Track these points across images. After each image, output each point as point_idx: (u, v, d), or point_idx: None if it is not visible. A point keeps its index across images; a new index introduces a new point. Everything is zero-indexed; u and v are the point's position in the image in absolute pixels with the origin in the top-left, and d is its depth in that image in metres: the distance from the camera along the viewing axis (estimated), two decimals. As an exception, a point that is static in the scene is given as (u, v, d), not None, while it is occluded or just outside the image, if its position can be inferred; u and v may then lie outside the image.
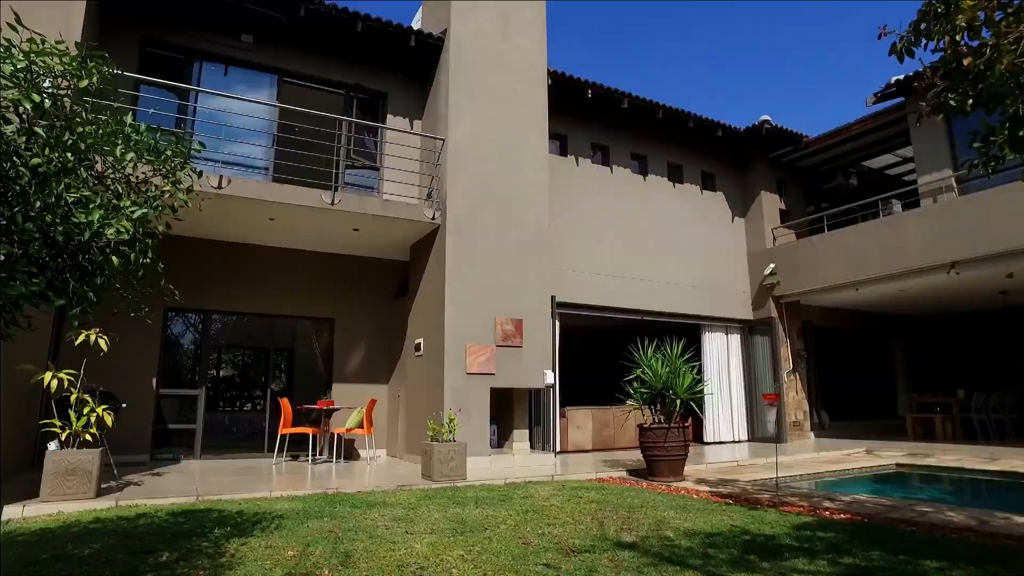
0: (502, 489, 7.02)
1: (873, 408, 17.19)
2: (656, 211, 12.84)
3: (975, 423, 13.13)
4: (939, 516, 5.50)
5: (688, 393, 7.72)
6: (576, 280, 11.40)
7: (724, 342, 13.37)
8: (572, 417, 11.37)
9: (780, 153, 14.22)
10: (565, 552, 4.17)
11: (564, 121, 11.86)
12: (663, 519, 5.26)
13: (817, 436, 13.57)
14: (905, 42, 4.17)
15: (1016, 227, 9.76)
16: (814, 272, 12.76)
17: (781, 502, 6.12)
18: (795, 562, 3.88)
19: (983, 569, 3.69)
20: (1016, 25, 3.52)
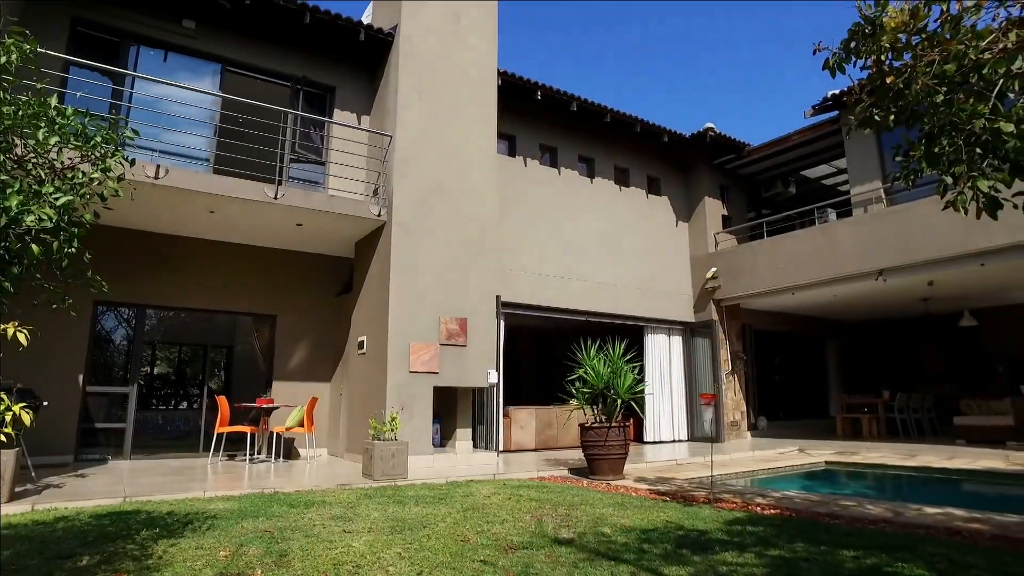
0: (443, 488, 7.00)
1: (808, 409, 17.88)
2: (603, 214, 13.03)
3: (898, 422, 13.82)
4: (860, 510, 5.76)
5: (629, 393, 7.86)
6: (522, 280, 11.47)
7: (666, 343, 13.68)
8: (515, 416, 11.43)
9: (723, 160, 14.65)
10: (503, 549, 4.19)
11: (513, 121, 11.92)
12: (601, 516, 5.34)
13: (754, 436, 14.03)
14: (837, 58, 4.36)
15: (936, 238, 10.32)
16: (753, 276, 13.19)
17: (716, 499, 6.30)
18: (725, 555, 4.01)
19: (893, 555, 3.89)
20: (931, 50, 3.73)
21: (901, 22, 4.01)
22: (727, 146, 14.15)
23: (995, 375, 15.87)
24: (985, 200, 3.92)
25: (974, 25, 3.70)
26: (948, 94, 3.91)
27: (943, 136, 4.06)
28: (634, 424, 13.52)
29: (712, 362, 13.66)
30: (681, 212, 14.57)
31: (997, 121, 3.78)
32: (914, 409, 14.14)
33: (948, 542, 4.37)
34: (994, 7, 3.68)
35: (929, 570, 3.59)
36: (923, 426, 14.19)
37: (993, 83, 3.78)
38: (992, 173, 3.91)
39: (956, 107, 3.90)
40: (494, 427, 10.29)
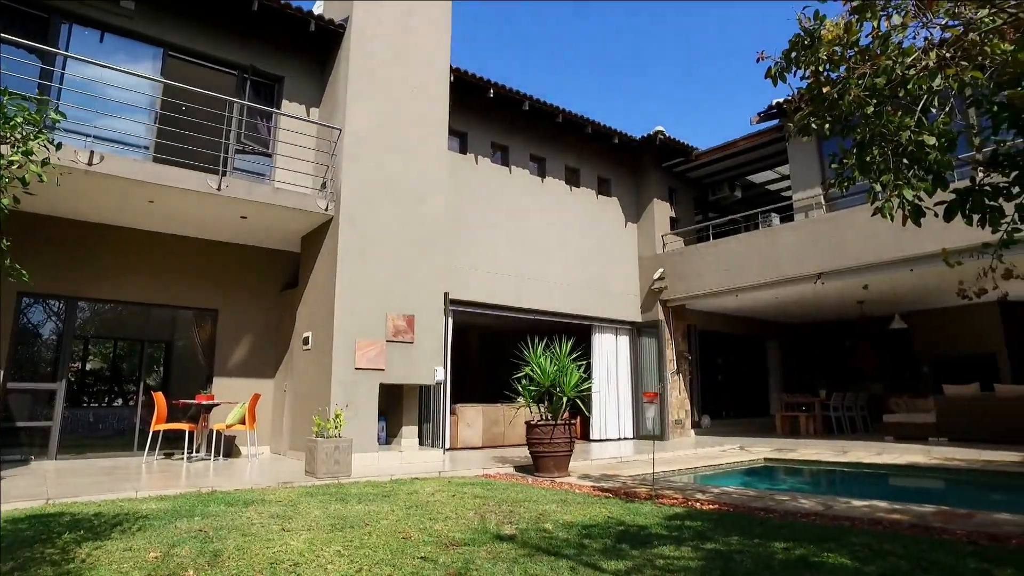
0: (387, 485, 6.94)
1: (750, 407, 18.42)
2: (553, 213, 13.13)
3: (833, 420, 14.37)
4: (793, 504, 5.98)
5: (575, 391, 7.95)
6: (471, 278, 11.46)
7: (614, 343, 13.88)
8: (462, 414, 11.42)
9: (672, 163, 14.94)
10: (444, 546, 4.19)
11: (465, 119, 11.90)
12: (544, 513, 5.39)
13: (698, 434, 14.37)
14: (778, 67, 4.50)
15: (870, 244, 10.77)
16: (699, 278, 13.50)
17: (657, 495, 6.43)
18: (663, 549, 4.10)
19: (820, 546, 4.06)
20: (863, 63, 3.89)
21: (836, 35, 4.18)
22: (676, 149, 14.45)
23: (922, 375, 16.68)
24: (910, 208, 4.12)
25: (900, 43, 3.88)
26: (878, 106, 4.09)
27: (874, 146, 4.25)
28: (581, 422, 13.69)
29: (658, 361, 13.93)
30: (630, 213, 14.81)
31: (921, 134, 3.98)
32: (848, 407, 14.73)
33: (871, 532, 4.58)
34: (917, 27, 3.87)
35: (851, 558, 3.75)
36: (856, 423, 14.80)
37: (918, 98, 3.98)
38: (917, 183, 4.12)
39: (885, 119, 4.08)
40: (441, 425, 10.25)
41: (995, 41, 3.55)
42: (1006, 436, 10.55)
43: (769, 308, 15.44)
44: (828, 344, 18.70)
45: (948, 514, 5.33)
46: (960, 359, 15.93)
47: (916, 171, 4.15)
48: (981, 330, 15.62)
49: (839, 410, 14.45)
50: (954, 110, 4.25)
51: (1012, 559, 3.75)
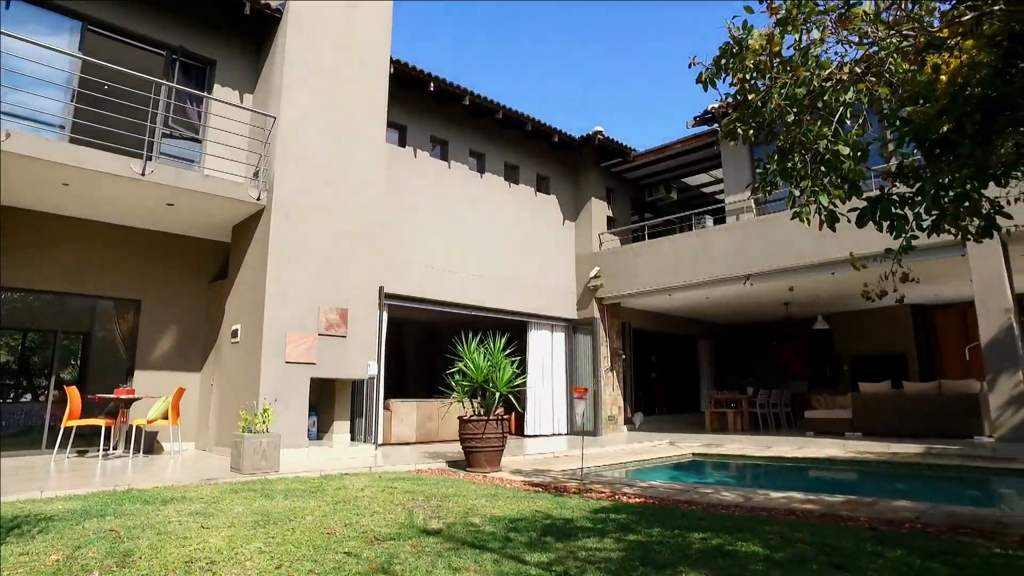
0: (316, 481, 6.82)
1: (681, 404, 18.97)
2: (491, 209, 13.16)
3: (759, 416, 14.96)
4: (716, 496, 6.19)
5: (508, 387, 8.00)
6: (408, 272, 11.37)
7: (549, 339, 14.03)
8: (396, 409, 11.33)
9: (610, 163, 15.21)
10: (369, 541, 4.15)
11: (404, 111, 11.78)
12: (473, 507, 5.41)
13: (630, 429, 14.70)
14: (709, 73, 4.64)
15: (796, 247, 11.25)
16: (634, 277, 13.80)
17: (586, 489, 6.54)
18: (586, 541, 4.18)
19: (736, 535, 4.23)
20: (784, 73, 4.06)
21: (760, 45, 4.35)
22: (614, 150, 14.71)
23: (841, 373, 17.57)
24: (826, 213, 4.33)
25: (818, 56, 4.07)
26: (798, 115, 4.27)
27: (795, 153, 4.44)
28: (516, 417, 13.80)
29: (593, 358, 14.17)
30: (568, 211, 14.99)
31: (837, 143, 4.18)
32: (774, 404, 15.36)
33: (784, 522, 4.79)
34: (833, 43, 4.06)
35: (763, 546, 3.92)
36: (781, 420, 15.45)
37: (835, 110, 4.19)
38: (833, 190, 4.33)
39: (804, 128, 4.27)
40: (374, 420, 10.14)
41: (899, 61, 3.77)
42: (913, 430, 11.24)
43: (701, 307, 15.93)
44: (756, 343, 19.45)
45: (855, 503, 5.64)
46: (876, 358, 16.87)
47: (832, 179, 4.37)
48: (894, 331, 16.56)
49: (765, 407, 15.03)
50: (867, 122, 4.47)
51: (903, 541, 4.01)
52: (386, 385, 12.33)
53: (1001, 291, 9.35)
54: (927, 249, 9.53)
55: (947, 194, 3.75)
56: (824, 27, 4.18)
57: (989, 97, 3.12)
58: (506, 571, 3.49)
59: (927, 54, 3.40)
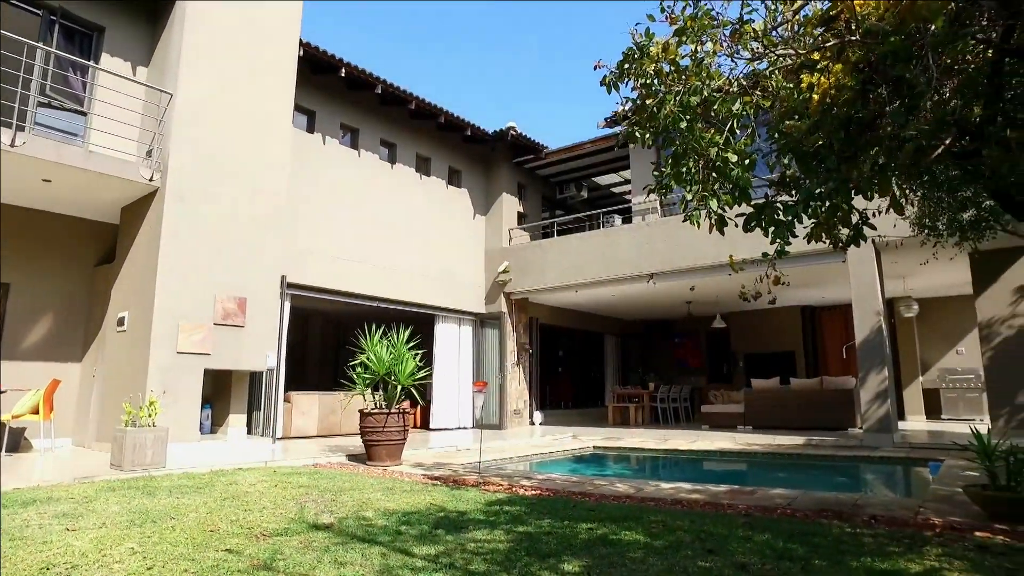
0: (205, 477, 6.53)
1: (586, 398, 19.45)
2: (401, 201, 12.99)
3: (659, 411, 15.56)
4: (609, 488, 6.39)
5: (410, 380, 7.95)
6: (313, 262, 11.06)
7: (457, 333, 14.04)
8: (297, 402, 11.01)
9: (523, 159, 15.35)
10: (254, 537, 4.03)
11: (314, 96, 11.43)
12: (367, 501, 5.35)
13: (535, 423, 14.93)
14: (612, 77, 4.76)
15: (696, 249, 11.75)
16: (542, 273, 14.00)
17: (485, 482, 6.60)
18: (476, 533, 4.22)
19: (621, 525, 4.40)
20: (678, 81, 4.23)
21: (657, 53, 4.51)
22: (527, 147, 14.85)
23: (737, 370, 18.56)
24: (716, 217, 4.55)
25: (709, 66, 4.26)
26: (690, 122, 4.46)
27: (688, 159, 4.63)
28: (421, 411, 13.73)
29: (499, 352, 14.29)
30: (479, 206, 15.02)
31: (727, 151, 4.39)
32: (673, 399, 16.01)
33: (670, 511, 5.01)
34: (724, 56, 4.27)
35: (645, 535, 4.10)
36: (680, 414, 16.13)
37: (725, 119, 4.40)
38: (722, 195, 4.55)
39: (697, 134, 4.46)
40: (272, 413, 9.81)
41: (779, 77, 4.01)
42: (797, 423, 12.03)
43: (607, 304, 16.38)
44: (659, 340, 20.21)
45: (737, 492, 5.97)
46: (768, 356, 17.92)
47: (723, 185, 4.59)
48: (785, 331, 17.65)
49: (665, 401, 15.65)
50: (755, 133, 4.73)
51: (772, 526, 4.30)
52: (288, 377, 11.95)
53: (874, 295, 10.15)
54: (815, 255, 10.23)
55: (822, 204, 4.03)
56: (717, 40, 4.38)
57: (852, 117, 3.37)
58: (392, 564, 3.47)
59: (802, 73, 3.64)
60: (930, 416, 15.01)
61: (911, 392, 15.10)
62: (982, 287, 10.47)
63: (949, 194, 5.16)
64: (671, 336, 19.95)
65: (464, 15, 49.99)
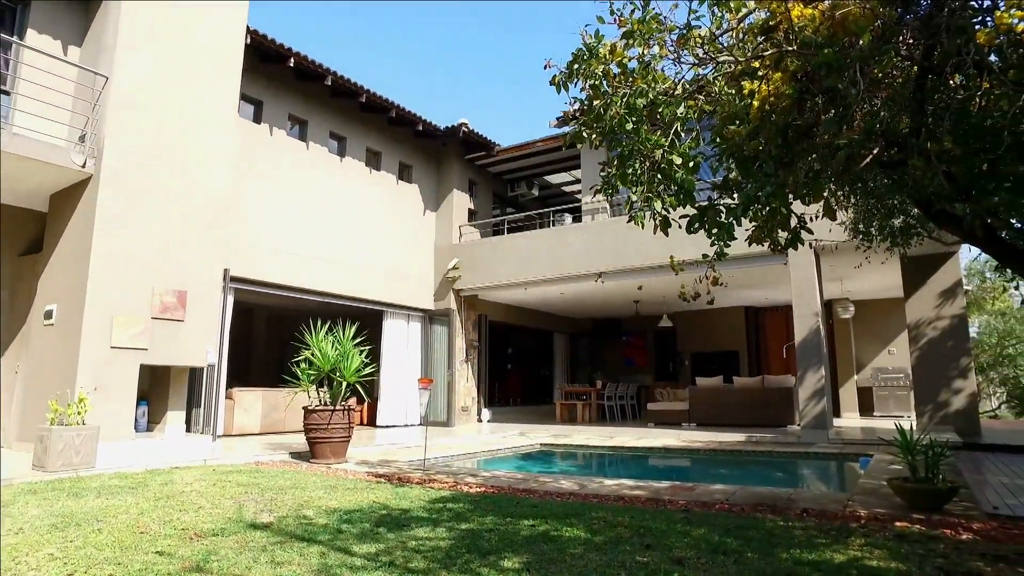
0: (139, 476, 6.31)
1: (535, 395, 19.57)
2: (351, 195, 12.79)
3: (606, 408, 15.77)
4: (554, 485, 6.44)
5: (356, 376, 7.84)
6: (258, 255, 10.78)
7: (405, 329, 13.92)
8: (239, 398, 10.73)
9: (474, 156, 15.32)
10: (188, 538, 3.91)
11: (262, 86, 11.14)
12: (308, 500, 5.26)
13: (484, 420, 14.93)
14: (562, 77, 4.79)
15: (644, 249, 11.93)
16: (492, 270, 14.00)
17: (430, 479, 6.57)
18: (418, 531, 4.20)
19: (564, 521, 4.44)
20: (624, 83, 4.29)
21: (605, 54, 4.56)
22: (479, 143, 14.80)
23: (683, 368, 18.96)
24: (660, 219, 4.63)
25: (656, 70, 4.34)
26: (636, 124, 4.53)
27: (634, 160, 4.69)
28: (369, 408, 13.58)
29: (448, 349, 14.23)
30: (430, 201, 14.91)
31: (672, 153, 4.47)
32: (620, 397, 16.25)
33: (612, 507, 5.08)
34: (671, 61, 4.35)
35: (586, 531, 4.15)
36: (627, 411, 16.39)
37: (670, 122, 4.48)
38: (667, 197, 4.63)
39: (643, 136, 4.53)
40: (213, 410, 9.53)
41: (722, 83, 4.11)
42: (740, 420, 12.37)
43: (556, 303, 16.50)
44: (607, 338, 20.48)
45: (678, 488, 6.11)
46: (713, 355, 18.38)
47: (667, 186, 4.68)
48: (730, 330, 18.13)
49: (612, 399, 15.87)
50: (700, 136, 4.83)
51: (710, 520, 4.41)
52: (231, 373, 11.66)
53: (812, 296, 10.52)
54: (758, 257, 10.53)
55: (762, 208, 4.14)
56: (664, 44, 4.46)
57: (790, 124, 3.48)
58: (331, 563, 3.42)
59: (743, 80, 3.74)
60: (864, 413, 15.67)
61: (847, 390, 15.72)
62: (911, 290, 10.98)
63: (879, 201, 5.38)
64: (619, 335, 20.24)
65: (421, 11, 49.57)
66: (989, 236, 3.98)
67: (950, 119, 3.25)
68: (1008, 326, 20.24)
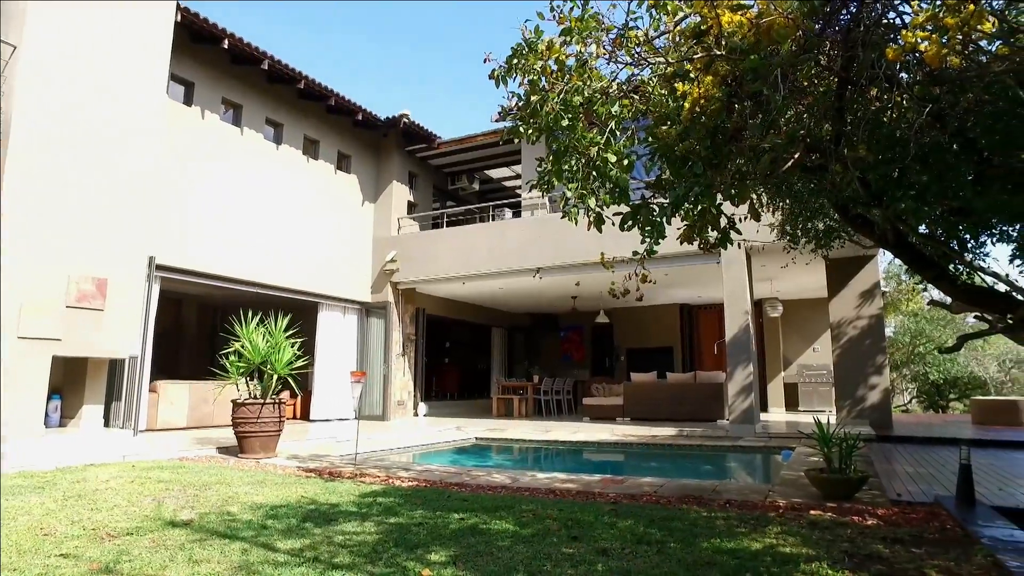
0: (48, 475, 5.98)
1: (473, 390, 19.54)
2: (287, 184, 12.43)
3: (543, 403, 15.90)
4: (487, 478, 6.46)
5: (287, 369, 7.66)
6: (188, 243, 10.36)
7: (341, 322, 13.68)
8: (164, 391, 10.31)
9: (415, 148, 15.14)
10: (98, 538, 3.73)
11: (193, 67, 10.69)
12: (233, 495, 5.11)
13: (420, 415, 14.83)
14: (501, 71, 4.78)
15: (581, 245, 12.04)
16: (430, 263, 13.89)
17: (362, 474, 6.48)
18: (346, 526, 4.13)
19: (493, 514, 4.46)
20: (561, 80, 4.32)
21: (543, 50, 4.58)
22: (420, 135, 14.64)
23: (619, 364, 19.31)
24: (594, 215, 4.69)
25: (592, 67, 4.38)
26: (572, 121, 4.56)
27: (570, 156, 4.74)
28: (303, 401, 13.28)
29: (385, 343, 14.06)
30: (368, 193, 14.67)
31: (607, 151, 4.53)
32: (557, 391, 16.41)
33: (543, 500, 5.13)
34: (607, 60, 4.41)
35: (515, 523, 4.18)
36: (563, 406, 16.57)
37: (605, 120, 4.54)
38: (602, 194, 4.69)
39: (579, 133, 4.58)
40: (136, 403, 9.12)
41: (656, 84, 4.20)
42: (673, 415, 12.69)
43: (495, 297, 16.52)
44: (545, 333, 20.66)
45: (608, 481, 6.21)
46: (649, 351, 18.78)
47: (602, 184, 4.74)
48: (665, 327, 18.57)
49: (549, 394, 16.01)
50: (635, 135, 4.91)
51: (637, 512, 4.51)
52: (158, 365, 11.19)
53: (743, 295, 10.88)
54: (692, 256, 10.81)
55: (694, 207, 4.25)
56: (600, 43, 4.51)
57: (719, 127, 3.59)
58: (252, 560, 3.34)
59: (676, 82, 3.82)
60: (790, 408, 16.34)
61: (774, 386, 16.35)
62: (834, 291, 11.51)
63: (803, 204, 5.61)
64: (557, 330, 20.45)
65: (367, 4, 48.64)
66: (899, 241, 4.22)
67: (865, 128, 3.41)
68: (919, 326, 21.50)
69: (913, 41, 2.55)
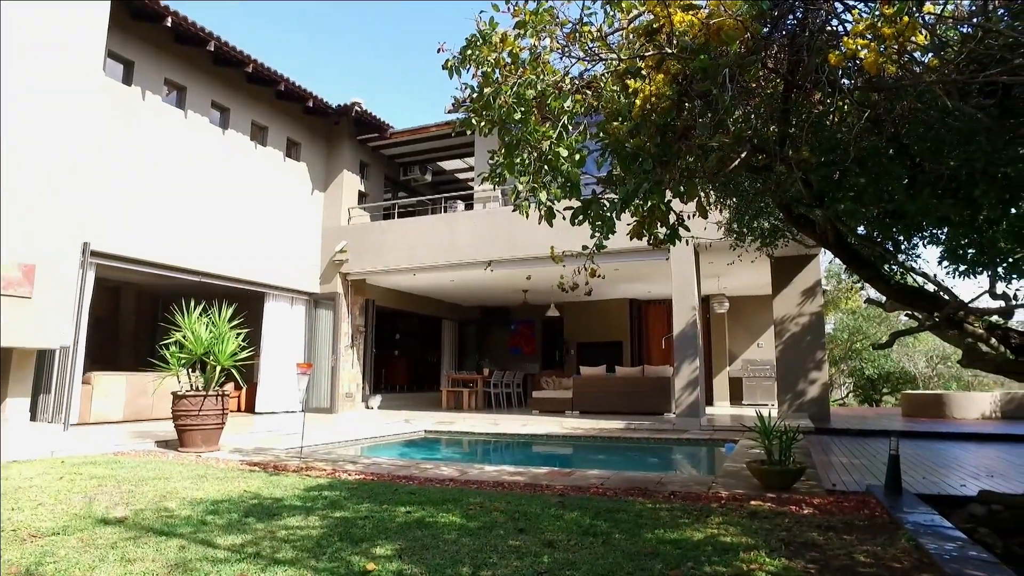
0: (-31, 470, 5.68)
1: (423, 382, 19.44)
2: (233, 170, 12.07)
3: (492, 396, 15.93)
4: (435, 471, 6.43)
5: (231, 360, 7.45)
6: (126, 229, 9.96)
7: (288, 312, 13.39)
8: (99, 383, 9.90)
9: (367, 137, 14.91)
10: (20, 539, 3.56)
11: (133, 46, 10.25)
12: (172, 491, 4.94)
13: (369, 407, 14.66)
14: (455, 62, 4.73)
15: (533, 239, 12.08)
16: (381, 254, 13.72)
17: (307, 467, 6.37)
18: (289, 520, 4.05)
19: (440, 507, 4.44)
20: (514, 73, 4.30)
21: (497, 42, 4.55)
22: (372, 124, 14.41)
23: (569, 357, 19.50)
24: (545, 210, 4.69)
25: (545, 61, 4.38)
26: (525, 114, 4.56)
27: (522, 150, 4.73)
28: (248, 394, 12.97)
29: (333, 334, 13.83)
30: (318, 181, 14.37)
31: (559, 145, 4.54)
32: (507, 384, 16.47)
33: (490, 493, 5.14)
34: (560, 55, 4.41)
35: (462, 516, 4.17)
36: (513, 399, 16.63)
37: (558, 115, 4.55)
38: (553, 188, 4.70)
39: (531, 127, 4.57)
40: (67, 396, 8.73)
41: (608, 80, 4.23)
42: (621, 408, 12.88)
43: (446, 289, 16.44)
44: (496, 326, 20.69)
45: (556, 473, 6.27)
46: (599, 345, 19.00)
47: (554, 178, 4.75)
48: (614, 322, 18.82)
49: (499, 387, 16.05)
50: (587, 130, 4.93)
51: (583, 504, 4.57)
52: (94, 356, 10.75)
53: (691, 291, 11.11)
54: (642, 251, 10.97)
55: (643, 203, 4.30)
56: (554, 37, 4.51)
57: (668, 125, 3.64)
58: (190, 557, 3.24)
59: (627, 79, 3.86)
60: (734, 402, 16.80)
61: (720, 380, 16.79)
62: (778, 288, 11.87)
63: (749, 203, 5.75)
64: (508, 323, 20.50)
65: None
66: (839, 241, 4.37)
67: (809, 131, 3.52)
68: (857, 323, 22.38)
69: (854, 48, 2.63)
